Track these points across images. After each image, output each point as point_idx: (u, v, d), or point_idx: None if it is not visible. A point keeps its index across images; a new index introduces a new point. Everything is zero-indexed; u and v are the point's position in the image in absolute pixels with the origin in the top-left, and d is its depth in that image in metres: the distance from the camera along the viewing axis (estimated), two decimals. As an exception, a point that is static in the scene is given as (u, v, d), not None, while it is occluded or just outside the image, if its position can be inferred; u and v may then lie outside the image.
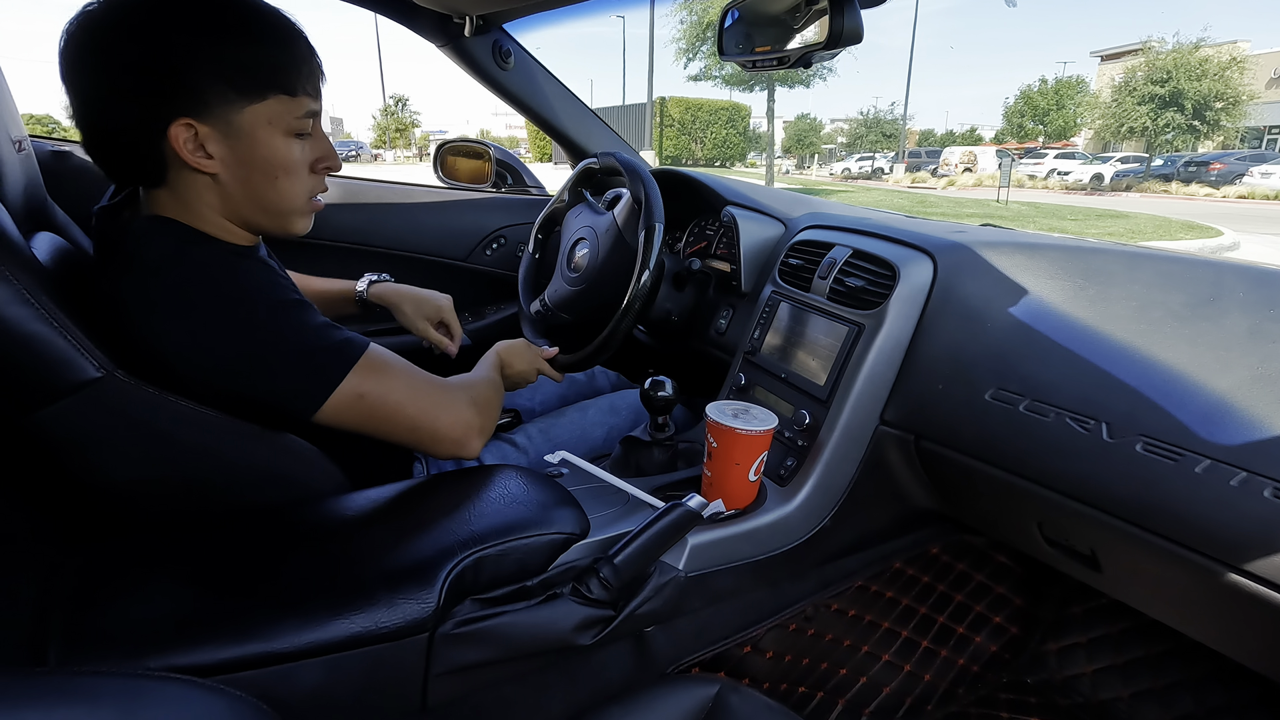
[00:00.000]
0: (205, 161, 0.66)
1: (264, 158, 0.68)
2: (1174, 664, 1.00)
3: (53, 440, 0.61)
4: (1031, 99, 31.13)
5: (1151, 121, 19.34)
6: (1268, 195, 14.98)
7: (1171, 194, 16.73)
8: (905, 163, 27.53)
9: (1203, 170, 18.61)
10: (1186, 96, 18.84)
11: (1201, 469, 0.58)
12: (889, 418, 0.85)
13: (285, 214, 0.73)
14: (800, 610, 0.91)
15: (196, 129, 0.65)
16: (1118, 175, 20.47)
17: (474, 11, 1.25)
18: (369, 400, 0.67)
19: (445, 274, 1.53)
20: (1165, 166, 20.00)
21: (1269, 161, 17.66)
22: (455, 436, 0.73)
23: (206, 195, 0.69)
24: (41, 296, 0.57)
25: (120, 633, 0.51)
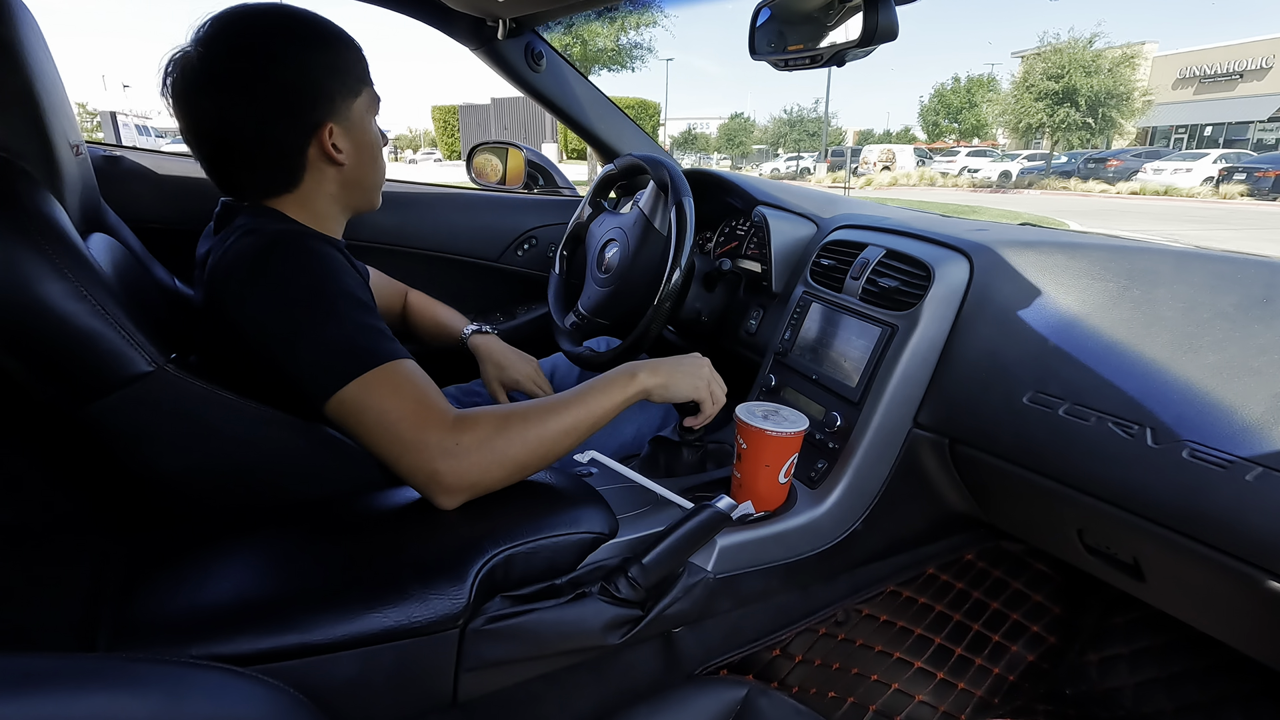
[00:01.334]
0: (339, 155, 0.77)
1: (370, 142, 0.80)
2: (1222, 678, 0.97)
3: (106, 431, 0.63)
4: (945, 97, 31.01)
5: (1048, 117, 19.37)
6: (1157, 190, 15.30)
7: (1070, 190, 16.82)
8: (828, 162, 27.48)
9: (1101, 167, 19.10)
10: (1080, 92, 18.88)
11: (1253, 477, 0.55)
12: (923, 420, 0.83)
13: (377, 187, 0.85)
14: (830, 614, 0.90)
15: (333, 129, 0.76)
16: (1024, 172, 20.62)
17: (507, 15, 1.27)
18: (361, 408, 0.65)
19: (477, 274, 1.55)
20: (1069, 164, 20.15)
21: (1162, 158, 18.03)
22: (417, 481, 0.65)
23: (331, 187, 0.79)
24: (97, 292, 0.59)
25: (165, 621, 0.52)
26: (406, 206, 1.46)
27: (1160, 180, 16.58)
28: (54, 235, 0.58)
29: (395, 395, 0.65)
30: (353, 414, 0.65)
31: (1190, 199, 14.48)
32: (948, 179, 21.20)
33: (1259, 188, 14.42)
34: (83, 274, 0.59)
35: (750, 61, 0.98)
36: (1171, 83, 26.32)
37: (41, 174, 0.65)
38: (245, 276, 0.68)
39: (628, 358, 1.08)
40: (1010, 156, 22.97)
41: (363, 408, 0.65)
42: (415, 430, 0.64)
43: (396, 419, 0.64)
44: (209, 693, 0.38)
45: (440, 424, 0.65)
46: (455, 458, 0.64)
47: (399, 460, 0.64)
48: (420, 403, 0.66)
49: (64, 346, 0.58)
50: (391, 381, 0.66)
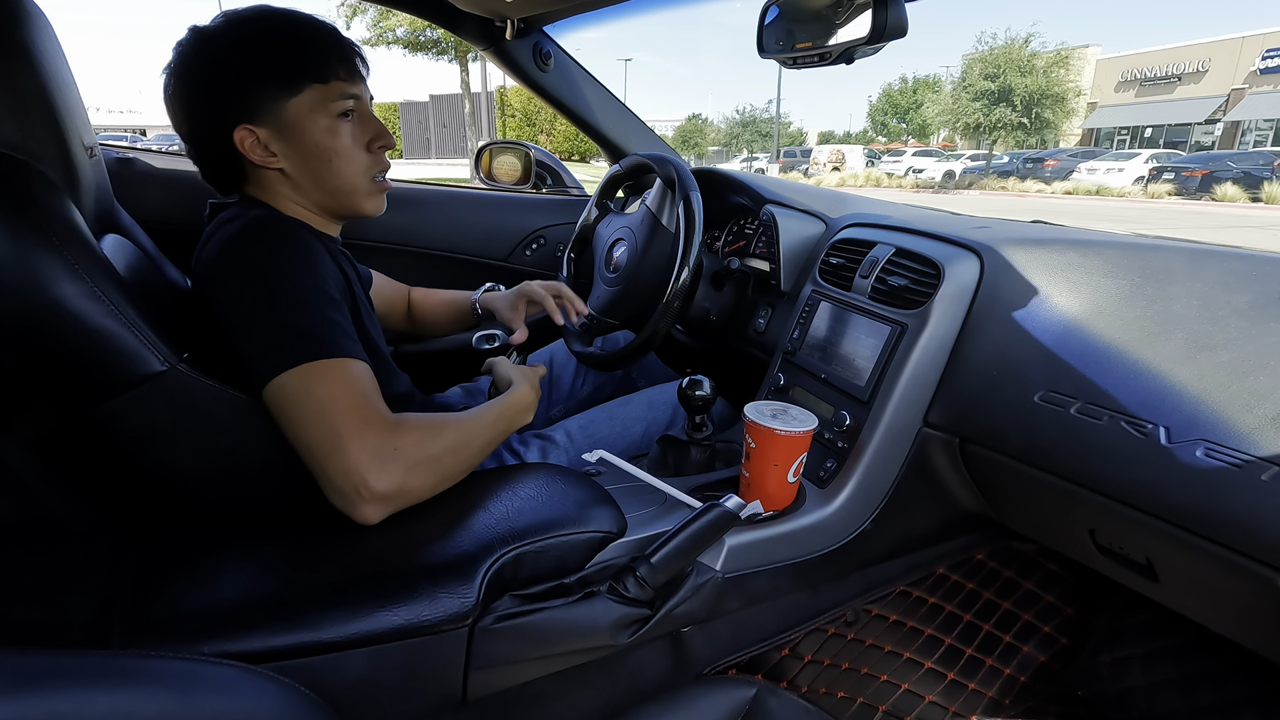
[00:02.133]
0: (271, 159, 0.74)
1: (313, 144, 0.75)
2: (1237, 679, 0.96)
3: (121, 430, 0.64)
4: (892, 98, 31.18)
5: (984, 117, 19.54)
6: (1090, 190, 15.52)
7: (1008, 190, 17.02)
8: (780, 162, 27.59)
9: (1039, 167, 19.29)
10: (1016, 92, 19.09)
11: (1268, 476, 0.55)
12: (933, 419, 0.83)
13: (349, 193, 0.80)
14: (840, 614, 0.90)
15: (256, 132, 0.73)
16: (965, 172, 20.82)
17: (515, 15, 1.27)
18: (304, 395, 0.62)
19: (486, 274, 1.56)
20: (1009, 164, 20.35)
21: (1096, 158, 18.29)
22: (343, 490, 0.61)
23: (282, 189, 0.77)
24: (111, 293, 0.60)
25: (178, 619, 0.53)
26: (415, 206, 1.47)
27: (1093, 180, 16.82)
28: (70, 236, 0.59)
29: (342, 389, 0.63)
30: (292, 401, 0.62)
31: (1121, 198, 14.70)
32: (893, 179, 21.40)
33: (1186, 187, 14.73)
34: (97, 275, 0.59)
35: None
36: (1114, 85, 27.18)
37: (58, 176, 0.66)
38: (220, 257, 0.69)
39: (637, 357, 1.08)
40: (955, 156, 23.22)
41: (306, 395, 0.62)
42: (356, 427, 0.61)
43: (339, 412, 0.61)
44: (221, 689, 0.38)
45: (382, 425, 0.63)
46: (391, 461, 0.62)
47: (329, 457, 0.61)
48: (366, 403, 0.64)
49: (79, 346, 0.59)
50: (341, 376, 0.64)
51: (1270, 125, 22.42)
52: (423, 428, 0.67)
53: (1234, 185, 13.64)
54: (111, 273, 0.62)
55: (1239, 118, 22.90)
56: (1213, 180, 14.31)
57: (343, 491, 0.61)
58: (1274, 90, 22.43)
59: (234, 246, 0.69)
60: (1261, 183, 13.44)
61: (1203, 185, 14.37)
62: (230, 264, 0.68)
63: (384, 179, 0.83)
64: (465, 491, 0.70)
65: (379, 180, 0.82)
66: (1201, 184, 14.42)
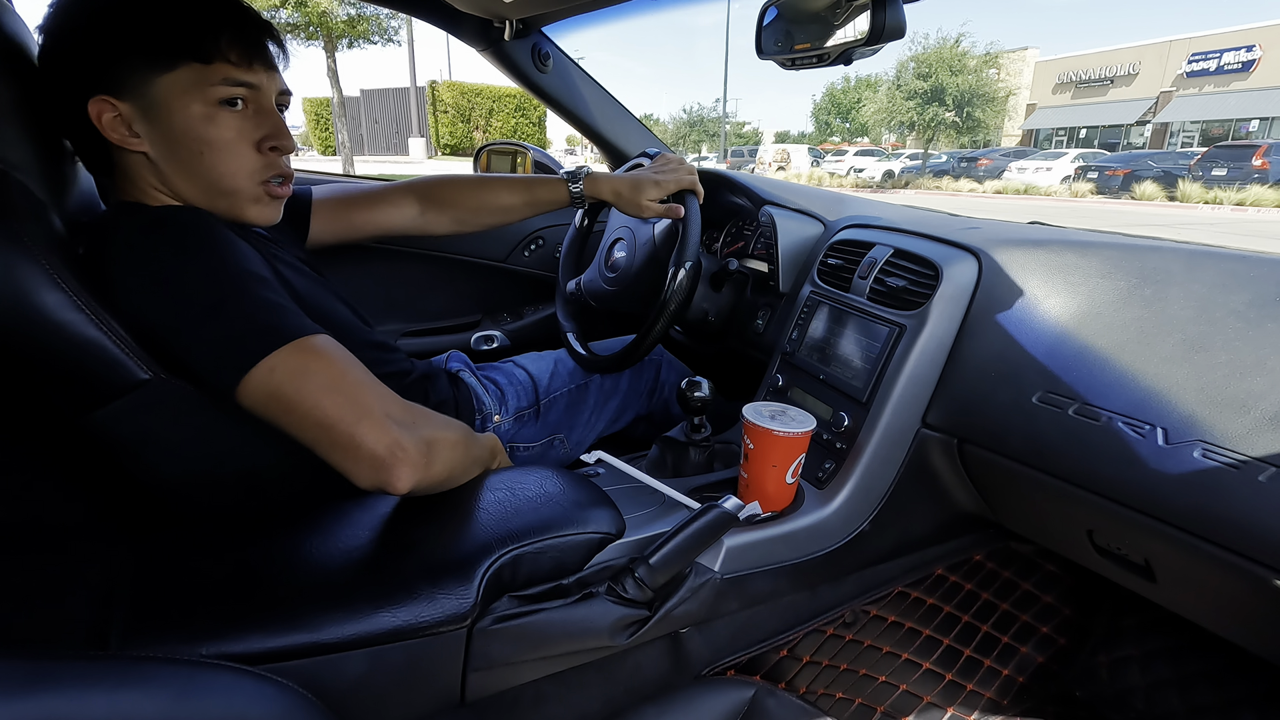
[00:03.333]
0: (133, 140, 0.65)
1: (182, 130, 0.66)
2: (1236, 680, 0.96)
3: (109, 439, 0.64)
4: (835, 97, 31.24)
5: (918, 116, 19.88)
6: (1018, 189, 15.77)
7: (942, 189, 17.24)
8: (728, 162, 27.75)
9: (973, 166, 19.44)
10: (948, 91, 19.45)
11: (1266, 477, 0.55)
12: (931, 421, 0.83)
13: (228, 194, 0.70)
14: (838, 615, 0.90)
15: (117, 107, 0.64)
16: (904, 171, 21.02)
17: (514, 15, 1.27)
18: (283, 386, 0.59)
19: (484, 275, 1.56)
20: (946, 163, 20.62)
21: (1026, 158, 18.60)
22: (378, 453, 0.59)
23: (147, 176, 0.68)
24: (92, 303, 0.59)
25: (175, 621, 0.53)
26: None
27: (1023, 179, 17.03)
28: (50, 246, 0.58)
29: (315, 366, 0.61)
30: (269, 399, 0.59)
31: (1047, 197, 14.89)
32: (835, 178, 21.63)
33: (1109, 185, 14.97)
34: (77, 284, 0.59)
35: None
36: (1051, 87, 27.82)
37: (38, 184, 0.65)
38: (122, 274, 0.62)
39: (634, 359, 1.08)
40: (895, 156, 23.44)
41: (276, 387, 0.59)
42: (349, 398, 0.59)
43: (320, 390, 0.59)
44: (218, 691, 0.38)
45: (391, 395, 0.62)
46: (413, 429, 0.61)
47: (356, 427, 0.58)
48: (345, 373, 0.61)
49: (60, 357, 0.58)
50: (305, 354, 0.61)
51: (1197, 126, 23.09)
52: (425, 411, 0.67)
53: (1153, 184, 13.93)
54: (93, 284, 0.62)
55: (1167, 119, 23.70)
56: (1133, 179, 14.58)
57: (376, 455, 0.58)
58: (1199, 93, 23.11)
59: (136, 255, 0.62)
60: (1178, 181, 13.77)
61: (1124, 184, 14.63)
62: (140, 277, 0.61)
63: (280, 185, 0.73)
64: (463, 492, 0.70)
65: (271, 185, 0.73)
66: (1123, 183, 14.68)
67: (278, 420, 0.61)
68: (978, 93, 19.51)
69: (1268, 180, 13.06)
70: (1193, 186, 13.25)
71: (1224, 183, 13.44)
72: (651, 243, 1.12)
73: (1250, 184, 12.87)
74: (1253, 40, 21.50)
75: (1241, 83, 21.87)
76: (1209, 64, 22.59)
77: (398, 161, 15.77)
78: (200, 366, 0.62)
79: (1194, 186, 13.24)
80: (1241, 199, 12.06)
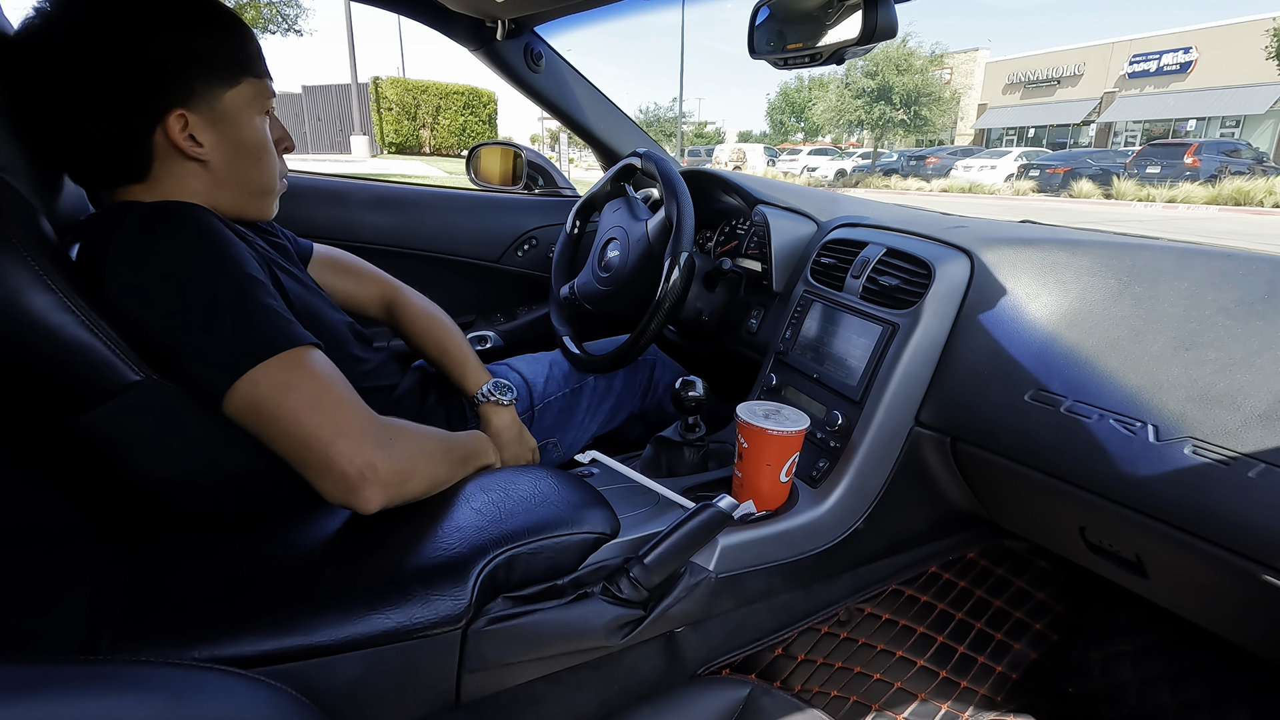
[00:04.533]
0: (197, 149, 0.69)
1: (249, 140, 0.73)
2: (1227, 674, 0.96)
3: (99, 441, 0.63)
4: (789, 96, 31.35)
5: (866, 114, 20.33)
6: (963, 188, 15.98)
7: (891, 187, 17.49)
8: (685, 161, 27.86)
9: (921, 165, 19.64)
10: (895, 90, 19.86)
11: (1255, 474, 0.55)
12: (925, 419, 0.83)
13: (266, 194, 0.78)
14: (833, 614, 0.90)
15: (188, 119, 0.68)
16: (855, 170, 21.23)
17: (506, 15, 1.27)
18: (266, 399, 0.60)
19: (478, 275, 1.55)
20: (896, 162, 20.88)
21: (973, 156, 18.96)
22: (349, 474, 0.60)
23: (192, 183, 0.71)
24: (82, 304, 0.59)
25: (168, 624, 0.53)
26: (406, 207, 1.47)
27: (968, 177, 17.23)
28: (39, 247, 0.58)
29: (300, 379, 0.61)
30: (251, 408, 0.60)
31: (991, 195, 15.07)
32: (788, 177, 21.93)
33: (1050, 183, 15.22)
34: (67, 285, 0.58)
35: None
36: (1002, 87, 28.26)
37: (27, 186, 0.65)
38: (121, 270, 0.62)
39: (628, 360, 1.08)
40: (848, 155, 23.68)
41: (259, 398, 0.60)
42: (328, 415, 0.60)
43: (301, 405, 0.60)
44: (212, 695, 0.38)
45: (370, 415, 0.63)
46: (389, 449, 0.62)
47: (330, 447, 0.59)
48: (327, 390, 0.62)
49: (52, 359, 0.58)
50: (292, 366, 0.61)
51: (1139, 126, 23.70)
52: (405, 426, 0.68)
53: (1090, 182, 14.19)
54: (83, 286, 0.61)
55: (1111, 119, 24.20)
56: (1072, 177, 14.83)
57: (347, 476, 0.60)
58: (1140, 94, 23.64)
59: (132, 252, 0.62)
60: (1113, 178, 14.08)
61: (1064, 182, 14.88)
62: (136, 273, 0.61)
63: (285, 181, 0.82)
64: (457, 493, 0.70)
65: (282, 181, 0.81)
66: (1063, 181, 14.93)
67: (256, 430, 0.62)
68: (924, 92, 19.82)
69: (1199, 177, 13.44)
70: (1127, 184, 13.52)
71: (1158, 180, 13.77)
72: (645, 240, 1.12)
73: (1182, 181, 13.22)
74: (1189, 42, 22.03)
75: (1180, 83, 22.45)
76: (1149, 65, 23.16)
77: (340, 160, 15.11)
78: (189, 369, 0.62)
79: (1128, 184, 13.52)
80: (1173, 196, 12.36)
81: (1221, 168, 13.77)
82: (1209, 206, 11.67)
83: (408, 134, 16.71)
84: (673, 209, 1.05)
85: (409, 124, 16.70)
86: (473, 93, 17.19)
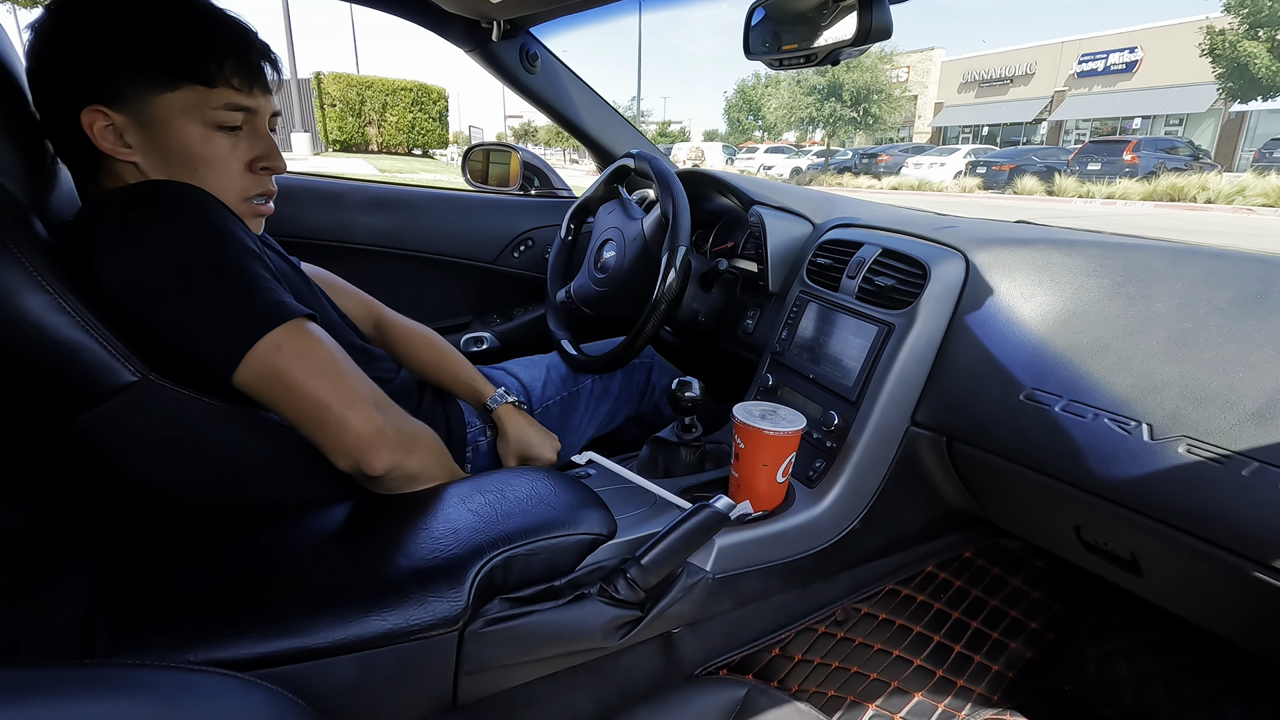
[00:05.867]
0: (123, 150, 0.66)
1: (178, 148, 0.67)
2: (1221, 672, 0.97)
3: (94, 443, 0.63)
4: (746, 94, 31.44)
5: (817, 111, 20.47)
6: (912, 185, 16.08)
7: (844, 185, 17.63)
8: None
9: (873, 162, 19.74)
10: (845, 87, 19.99)
11: (1249, 472, 0.56)
12: (921, 419, 0.83)
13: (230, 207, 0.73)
14: (830, 613, 0.90)
15: (111, 118, 0.64)
16: (810, 168, 21.32)
17: (501, 16, 1.27)
18: (282, 368, 0.61)
19: (474, 276, 1.55)
20: (850, 160, 21.00)
21: (923, 153, 19.00)
22: (364, 434, 0.63)
23: (133, 181, 0.68)
24: (77, 305, 0.58)
25: (163, 627, 0.52)
26: (402, 208, 1.46)
27: (918, 175, 17.31)
28: (32, 247, 0.58)
29: (310, 350, 0.62)
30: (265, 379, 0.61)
31: (939, 192, 15.17)
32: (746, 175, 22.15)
33: (995, 180, 15.39)
34: (62, 285, 0.58)
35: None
36: (957, 86, 28.81)
37: (19, 185, 0.64)
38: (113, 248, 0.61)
39: (624, 360, 1.08)
40: (804, 152, 23.81)
41: (274, 368, 0.60)
42: (341, 382, 0.63)
43: (315, 372, 0.61)
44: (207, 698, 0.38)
45: (359, 379, 0.66)
46: (392, 414, 0.66)
47: (348, 409, 0.62)
48: (336, 359, 0.65)
49: (46, 360, 0.58)
50: (300, 336, 0.63)
51: (1089, 124, 24.18)
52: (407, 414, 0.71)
53: (1034, 179, 14.38)
54: (77, 284, 0.61)
55: (1061, 117, 24.76)
56: (1017, 174, 15.00)
57: (361, 436, 0.63)
58: (1089, 92, 24.09)
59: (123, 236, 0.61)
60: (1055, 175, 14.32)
61: (1009, 179, 15.05)
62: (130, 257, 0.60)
63: (264, 204, 0.76)
64: (454, 495, 0.70)
65: (256, 203, 0.75)
66: (1009, 178, 15.10)
67: (271, 397, 0.62)
68: (875, 89, 19.89)
69: (1138, 174, 13.61)
70: (1068, 181, 13.70)
71: (1097, 177, 13.97)
72: (641, 240, 1.12)
73: (1121, 178, 13.41)
74: (1135, 42, 22.43)
75: (1126, 82, 22.90)
76: (1097, 64, 23.55)
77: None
78: (198, 343, 0.61)
79: (1069, 181, 13.70)
80: (1111, 192, 12.55)
81: (1159, 165, 14.01)
82: (1145, 202, 11.90)
83: (353, 131, 16.21)
84: (668, 208, 1.05)
85: (354, 121, 16.18)
86: (422, 89, 16.73)
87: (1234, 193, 11.21)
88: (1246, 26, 15.63)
